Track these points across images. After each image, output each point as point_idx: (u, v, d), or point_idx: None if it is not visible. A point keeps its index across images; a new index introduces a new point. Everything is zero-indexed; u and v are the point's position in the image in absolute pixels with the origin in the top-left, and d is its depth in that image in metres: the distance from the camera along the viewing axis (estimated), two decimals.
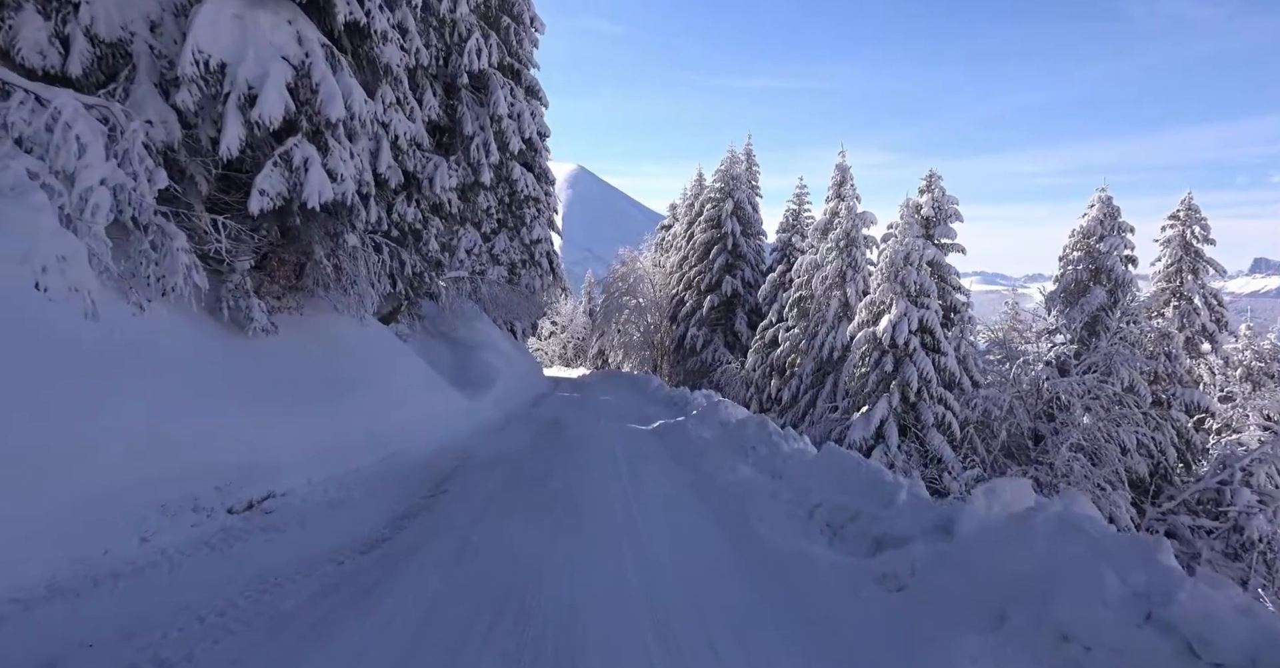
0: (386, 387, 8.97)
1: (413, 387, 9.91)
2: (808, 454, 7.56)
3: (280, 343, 7.49)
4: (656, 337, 35.21)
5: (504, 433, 10.78)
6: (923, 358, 17.79)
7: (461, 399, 11.88)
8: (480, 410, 12.31)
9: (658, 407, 17.11)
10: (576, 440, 10.59)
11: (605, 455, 9.23)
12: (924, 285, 18.18)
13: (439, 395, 10.84)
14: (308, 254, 8.03)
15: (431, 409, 10.03)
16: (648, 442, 11.07)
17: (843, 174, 23.10)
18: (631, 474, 7.90)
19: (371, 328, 9.74)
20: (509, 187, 24.18)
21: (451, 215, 13.95)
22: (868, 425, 17.98)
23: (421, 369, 11.19)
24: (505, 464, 8.13)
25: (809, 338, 22.45)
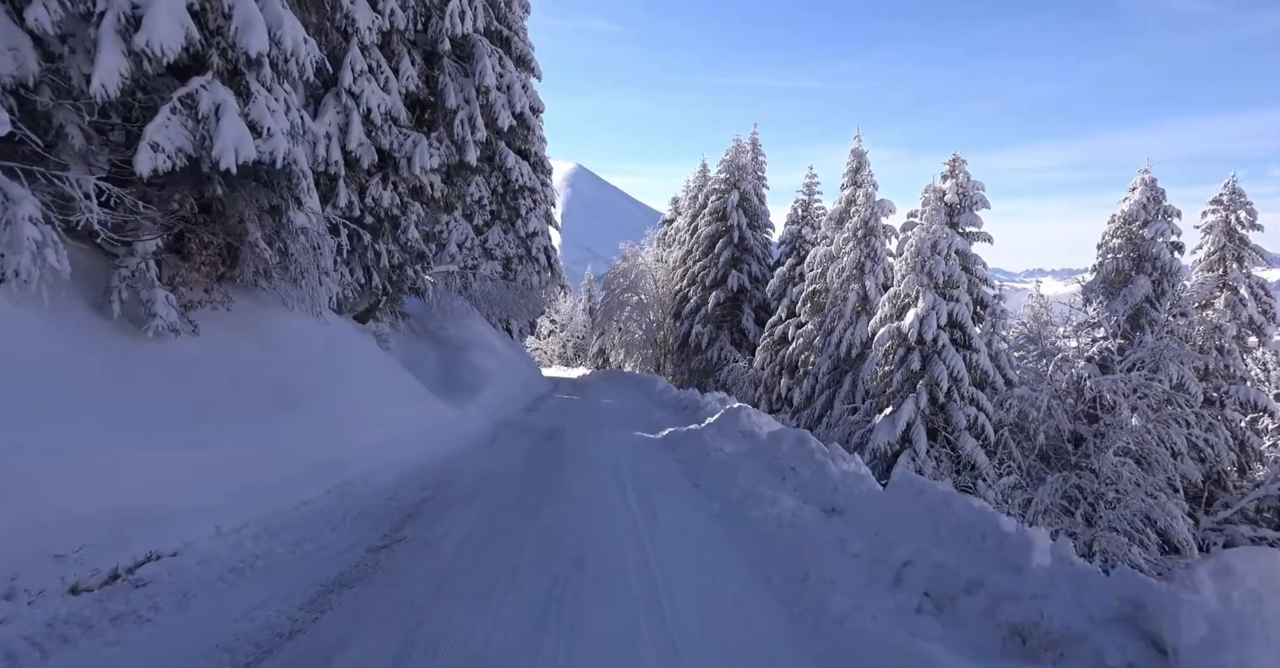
0: (348, 397, 7.37)
1: (384, 396, 8.30)
2: (866, 483, 5.94)
3: (201, 347, 5.90)
4: (659, 334, 33.61)
5: (492, 449, 9.17)
6: (953, 355, 16.19)
7: (445, 409, 10.28)
8: (467, 421, 10.71)
9: (665, 411, 15.51)
10: (576, 457, 8.99)
11: (610, 478, 7.63)
12: (953, 276, 16.58)
13: (416, 406, 9.24)
14: (239, 236, 6.44)
15: (406, 423, 8.43)
16: (658, 457, 9.47)
17: (859, 159, 21.48)
18: (644, 506, 6.29)
19: (333, 327, 8.14)
20: (502, 176, 22.57)
21: (434, 200, 12.35)
22: (893, 429, 16.39)
23: (396, 375, 9.59)
24: (488, 494, 6.53)
25: (824, 334, 20.84)
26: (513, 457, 8.68)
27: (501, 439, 10.18)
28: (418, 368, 13.77)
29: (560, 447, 9.90)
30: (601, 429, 12.47)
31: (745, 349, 29.80)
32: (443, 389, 13.04)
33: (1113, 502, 14.52)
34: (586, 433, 11.81)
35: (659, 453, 9.83)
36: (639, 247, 35.23)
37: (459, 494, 6.48)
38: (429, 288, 15.88)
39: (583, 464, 8.44)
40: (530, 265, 24.70)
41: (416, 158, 11.26)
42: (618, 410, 16.21)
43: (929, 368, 16.42)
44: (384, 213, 11.34)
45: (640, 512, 6.09)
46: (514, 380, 17.61)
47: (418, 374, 13.34)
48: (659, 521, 5.84)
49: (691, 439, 10.14)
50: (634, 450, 9.99)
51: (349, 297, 11.43)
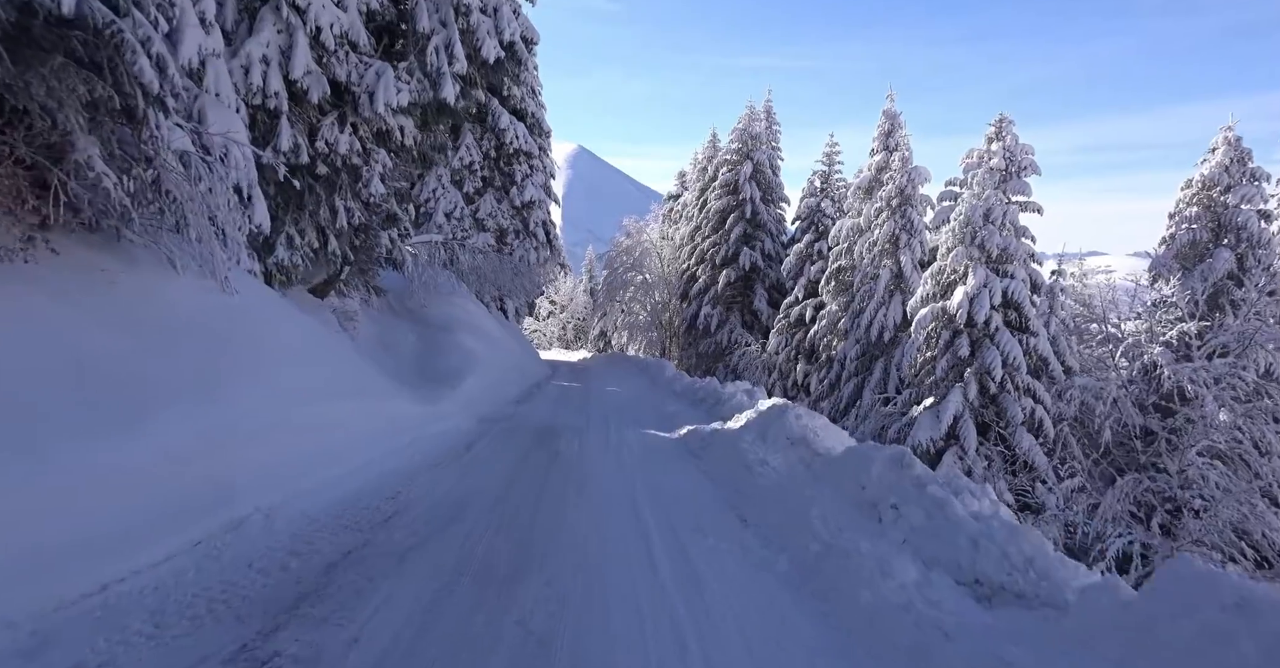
0: (255, 395, 5.17)
1: (317, 392, 6.10)
2: (1031, 541, 3.75)
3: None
4: (665, 316, 31.39)
5: (466, 460, 6.97)
6: (1007, 339, 13.98)
7: (409, 405, 8.08)
8: (441, 419, 8.51)
9: (680, 403, 13.32)
10: (575, 472, 6.79)
11: (623, 509, 5.43)
12: (1009, 249, 14.32)
13: (369, 403, 7.03)
14: (58, 152, 4.19)
15: (350, 427, 6.23)
16: (681, 469, 7.28)
17: (891, 121, 19.11)
18: (678, 569, 4.10)
19: (246, 299, 5.90)
20: (495, 138, 20.22)
21: (405, 149, 10.07)
22: (937, 423, 14.22)
23: (342, 363, 7.37)
24: (442, 546, 4.34)
25: (852, 316, 18.62)
26: (491, 472, 6.48)
27: (482, 443, 7.98)
28: (391, 352, 11.58)
29: (555, 454, 7.71)
30: (606, 427, 10.30)
31: (757, 332, 27.61)
32: (419, 378, 10.85)
33: (1199, 510, 12.41)
34: (588, 432, 9.64)
35: (681, 463, 7.65)
36: (643, 223, 32.90)
37: (398, 545, 4.28)
38: (407, 259, 13.64)
39: (584, 484, 6.24)
40: (528, 241, 22.43)
41: (380, 93, 8.96)
42: (624, 401, 14.04)
43: (979, 354, 14.23)
44: (341, 161, 9.08)
45: (674, 583, 3.90)
46: (506, 365, 15.42)
47: (390, 360, 11.16)
48: (705, 598, 3.67)
49: (720, 444, 7.96)
50: (649, 459, 7.81)
51: (298, 264, 9.20)
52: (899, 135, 18.91)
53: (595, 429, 10.02)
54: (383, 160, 9.50)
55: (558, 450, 7.97)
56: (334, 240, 9.56)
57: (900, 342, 17.53)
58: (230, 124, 7.33)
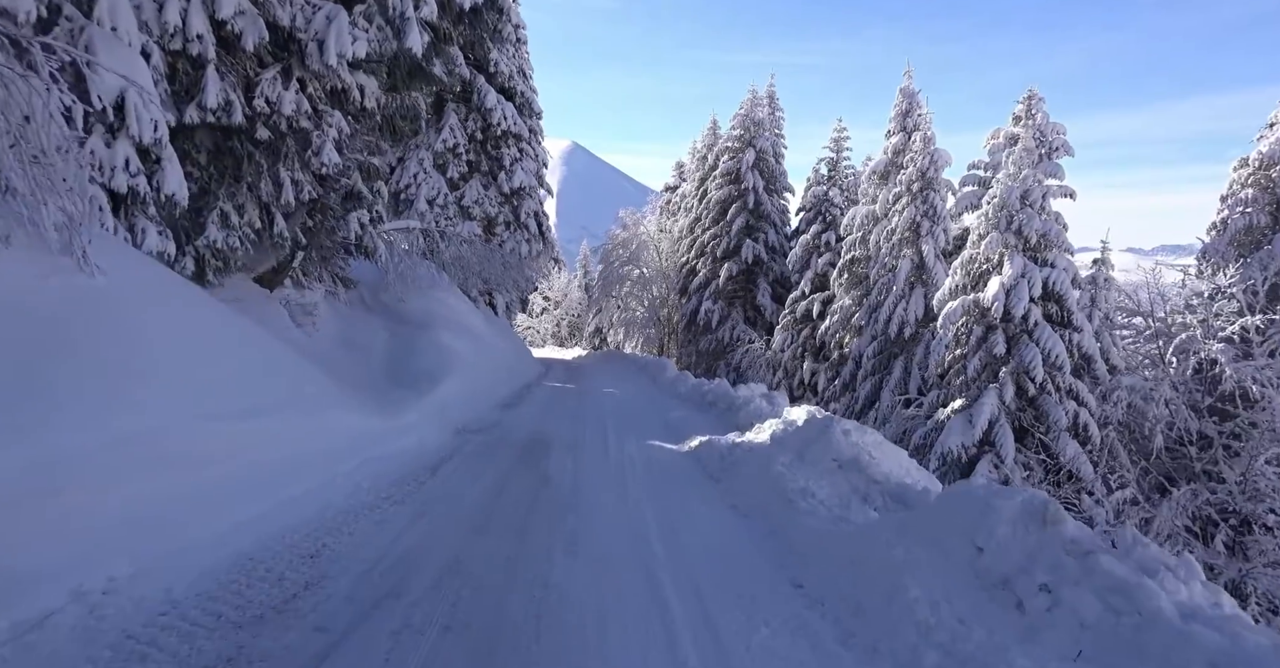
0: (110, 416, 3.62)
1: (219, 406, 4.54)
2: None
3: None
4: (663, 312, 29.85)
5: (427, 492, 5.40)
6: (1048, 335, 12.49)
7: (363, 417, 6.50)
8: (404, 433, 6.95)
9: (686, 408, 11.78)
10: (567, 506, 5.23)
11: (634, 577, 3.91)
12: (1049, 235, 12.82)
13: (302, 418, 5.46)
14: None
15: (264, 452, 4.66)
16: (702, 499, 5.74)
17: (909, 100, 17.57)
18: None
19: (115, 280, 4.34)
20: (481, 118, 18.58)
21: (367, 114, 8.50)
22: (970, 428, 12.73)
23: (271, 367, 5.79)
24: (363, 655, 2.84)
25: (868, 311, 17.11)
26: (456, 510, 4.93)
27: (453, 464, 6.43)
28: (355, 352, 10.02)
29: (543, 479, 6.16)
30: (605, 437, 8.77)
31: (761, 328, 26.10)
32: (387, 382, 9.30)
33: (1273, 526, 10.96)
34: (584, 446, 8.10)
35: (700, 490, 6.11)
36: (640, 214, 31.32)
37: (294, 655, 2.76)
38: (380, 248, 12.08)
39: (579, 533, 4.68)
40: (519, 233, 20.82)
41: (332, 41, 7.37)
42: (623, 405, 12.51)
43: (1017, 351, 12.73)
44: (287, 123, 7.49)
45: None
46: (493, 366, 13.87)
47: (353, 361, 9.60)
48: None
49: (746, 464, 6.44)
50: (660, 484, 6.27)
51: (236, 247, 7.61)
52: (918, 115, 17.38)
53: (592, 441, 8.49)
54: (338, 124, 7.92)
55: (547, 474, 6.42)
56: (281, 220, 7.97)
57: (922, 338, 16.05)
58: (129, 66, 5.76)
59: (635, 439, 8.75)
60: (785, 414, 7.88)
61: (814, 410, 7.53)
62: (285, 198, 7.61)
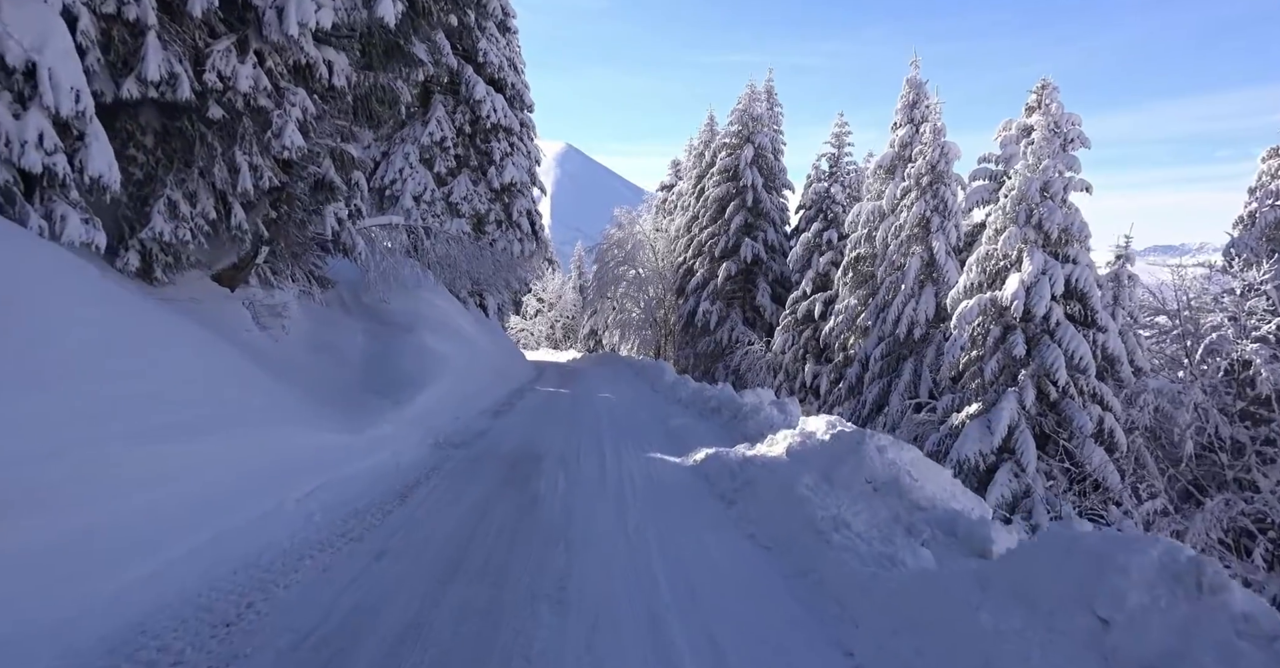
0: None
1: (124, 426, 3.71)
2: None
3: None
4: (660, 313, 29.05)
5: (391, 524, 4.54)
6: (1072, 336, 11.73)
7: (324, 433, 5.66)
8: (373, 449, 6.12)
9: (688, 415, 10.97)
10: (557, 543, 4.43)
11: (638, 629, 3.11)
12: (1072, 228, 12.06)
13: (244, 437, 4.61)
14: None
15: (184, 483, 3.83)
16: (716, 530, 4.90)
17: (916, 91, 16.83)
18: None
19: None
20: (469, 110, 17.71)
21: (336, 94, 7.67)
22: (988, 434, 11.96)
23: (210, 376, 4.95)
24: None
25: (876, 311, 16.33)
26: (426, 548, 4.10)
27: (428, 487, 5.60)
28: (328, 358, 9.18)
29: (531, 502, 5.34)
30: (601, 449, 7.95)
31: (760, 329, 25.35)
32: (362, 390, 8.47)
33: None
34: (578, 460, 7.28)
35: (712, 515, 5.29)
36: (636, 213, 30.52)
37: None
38: (360, 245, 11.25)
39: (571, 568, 3.85)
40: (511, 232, 19.95)
41: (292, 8, 6.53)
42: (620, 411, 11.69)
43: (1037, 353, 11.97)
44: (243, 101, 6.66)
45: None
46: (482, 370, 13.06)
47: (324, 368, 8.77)
48: None
49: (762, 484, 5.62)
50: (664, 508, 5.45)
51: (188, 241, 6.76)
52: (925, 106, 16.64)
53: (587, 454, 7.67)
54: (302, 103, 7.08)
55: (536, 495, 5.60)
56: (239, 210, 7.13)
57: (932, 339, 15.30)
58: (45, 26, 4.94)
59: (634, 451, 7.95)
60: (801, 425, 7.08)
61: (834, 420, 6.74)
62: (243, 185, 6.77)
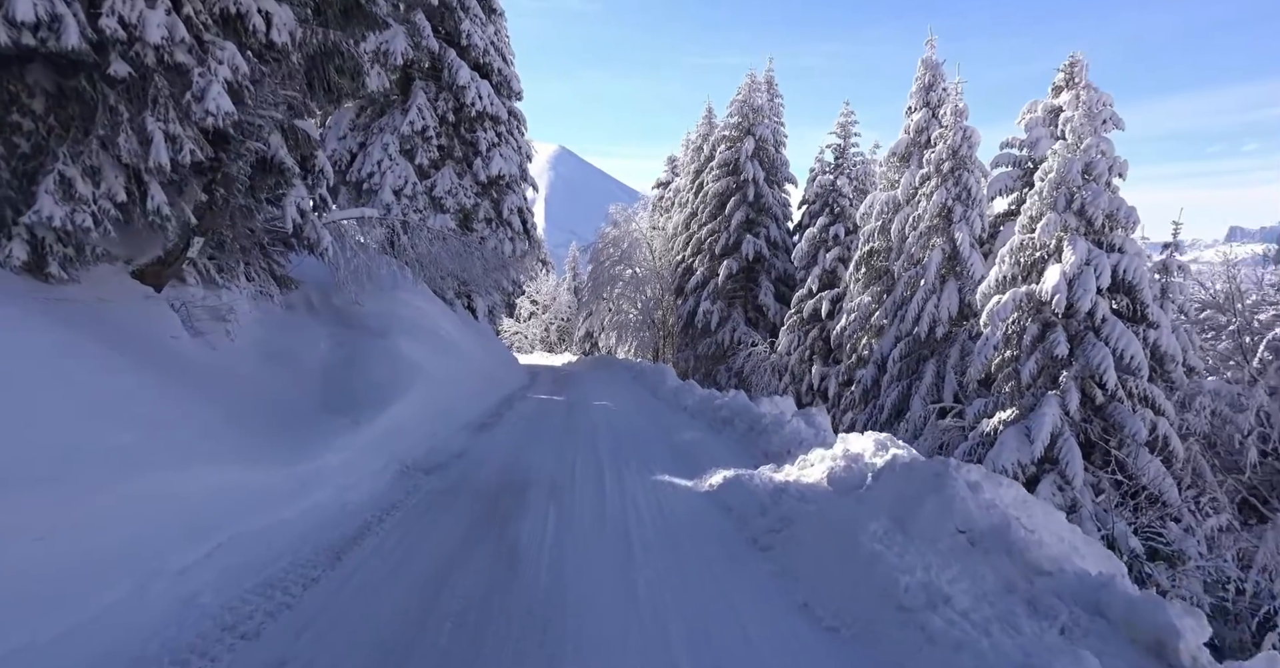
0: None
1: None
2: None
3: None
4: (658, 314, 27.77)
5: (310, 603, 3.22)
6: (1120, 332, 10.50)
7: (237, 472, 4.35)
8: (314, 485, 4.82)
9: (698, 427, 9.68)
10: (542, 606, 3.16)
11: None
12: (1118, 213, 10.84)
13: (121, 485, 3.33)
14: None
15: (10, 554, 2.58)
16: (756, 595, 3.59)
17: (932, 73, 15.60)
18: None
19: None
20: (452, 97, 16.43)
21: (277, 51, 6.39)
22: (1026, 442, 10.72)
23: (101, 398, 3.67)
24: None
25: (893, 308, 15.08)
26: (350, 652, 2.85)
27: (376, 537, 4.30)
28: (280, 368, 7.86)
29: (509, 558, 4.05)
30: (600, 473, 6.67)
31: (764, 330, 24.13)
32: (319, 406, 7.16)
33: None
34: (572, 488, 6.00)
35: (747, 572, 4.01)
36: (632, 211, 29.26)
37: None
38: (325, 240, 9.94)
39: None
40: (502, 230, 18.63)
41: None
42: (620, 423, 10.40)
43: (1081, 352, 10.74)
44: (155, 55, 5.39)
45: None
46: (468, 377, 11.78)
47: (278, 379, 7.46)
48: None
49: (804, 524, 4.36)
50: (684, 561, 4.17)
51: (90, 227, 5.45)
52: (943, 88, 15.42)
53: (583, 479, 6.40)
54: (231, 61, 5.78)
55: (515, 546, 4.32)
56: (157, 191, 5.83)
57: (956, 338, 14.06)
58: None
59: (638, 473, 6.68)
60: (840, 443, 5.81)
61: (884, 439, 5.47)
62: (157, 159, 5.46)
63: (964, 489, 3.66)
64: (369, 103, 15.73)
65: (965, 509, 3.55)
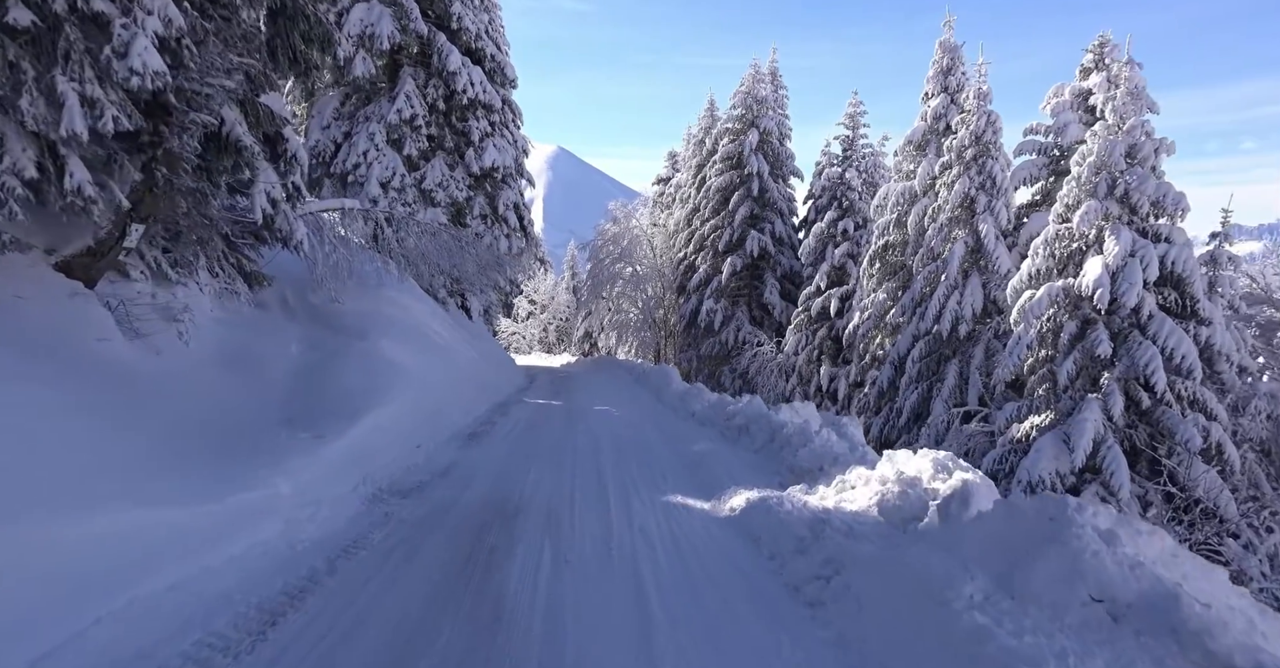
0: None
1: None
2: None
3: None
4: (659, 313, 26.85)
5: None
6: (1170, 330, 9.58)
7: (150, 513, 3.44)
8: (249, 523, 3.89)
9: (708, 435, 8.74)
10: None
11: None
12: (1165, 200, 9.93)
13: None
14: None
15: None
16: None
17: (950, 56, 14.68)
18: None
19: None
20: (442, 84, 15.49)
21: (219, 4, 5.48)
22: (1065, 450, 9.80)
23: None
24: None
25: (911, 306, 14.16)
26: None
27: (319, 599, 3.37)
28: (241, 376, 6.92)
29: (490, 620, 3.16)
30: (605, 495, 5.74)
31: (769, 329, 23.20)
32: (279, 419, 6.22)
33: None
34: (574, 517, 5.07)
35: (792, 638, 3.11)
36: (631, 208, 28.32)
37: None
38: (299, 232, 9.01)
39: None
40: (497, 227, 17.67)
41: None
42: (624, 432, 9.46)
43: (1126, 351, 9.82)
44: (67, 2, 4.48)
45: None
46: (458, 381, 10.86)
47: (235, 389, 6.53)
48: None
49: (861, 572, 3.44)
50: (712, 621, 3.26)
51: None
52: (962, 72, 14.51)
53: (585, 503, 5.47)
54: (163, 11, 4.85)
55: (501, 598, 3.39)
56: (78, 167, 4.90)
57: (980, 337, 13.14)
58: None
59: (647, 495, 5.75)
60: (888, 462, 4.89)
61: (944, 459, 4.55)
62: (69, 126, 4.53)
63: (1094, 540, 2.74)
64: (354, 90, 14.79)
65: (1100, 568, 2.63)
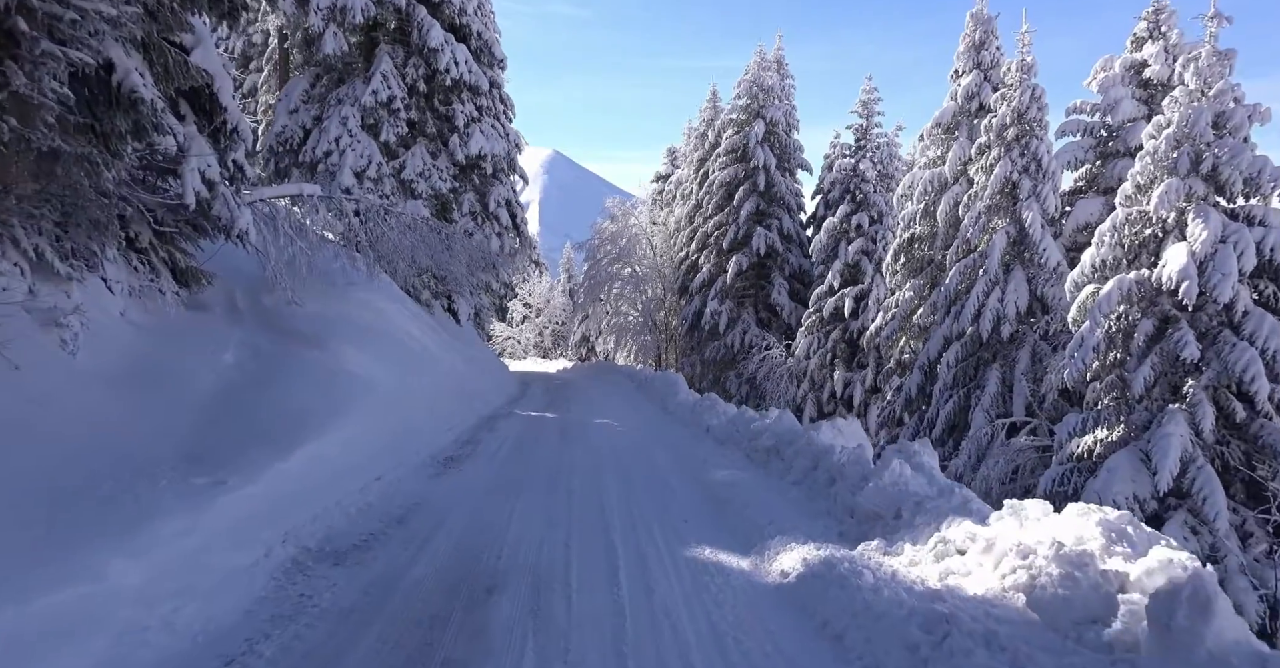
0: None
1: None
2: None
3: None
4: (659, 315, 25.34)
5: None
6: (1270, 328, 8.10)
7: None
8: (50, 645, 2.44)
9: (728, 459, 7.21)
10: None
11: None
12: (1260, 176, 8.47)
13: None
14: None
15: None
16: None
17: (983, 29, 13.22)
18: None
19: None
20: (423, 62, 13.99)
21: None
22: (1144, 471, 8.32)
23: None
24: None
25: (944, 304, 12.66)
26: None
27: None
28: (149, 394, 5.38)
29: None
30: (613, 558, 4.20)
31: (777, 331, 21.70)
32: (178, 453, 4.68)
33: None
34: (570, 595, 3.54)
35: None
36: (630, 205, 26.82)
37: None
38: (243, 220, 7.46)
39: None
40: (488, 225, 16.12)
41: None
42: (628, 452, 7.93)
43: (1215, 354, 8.35)
44: None
45: None
46: (438, 394, 9.35)
47: (135, 412, 5.00)
48: None
49: None
50: None
51: None
52: (996, 47, 13.06)
53: (585, 567, 3.98)
54: None
55: None
56: None
57: (1025, 339, 11.64)
58: None
59: (668, 551, 4.27)
60: (1014, 520, 3.38)
61: (1120, 520, 3.05)
62: None
63: None
64: (325, 70, 13.28)
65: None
